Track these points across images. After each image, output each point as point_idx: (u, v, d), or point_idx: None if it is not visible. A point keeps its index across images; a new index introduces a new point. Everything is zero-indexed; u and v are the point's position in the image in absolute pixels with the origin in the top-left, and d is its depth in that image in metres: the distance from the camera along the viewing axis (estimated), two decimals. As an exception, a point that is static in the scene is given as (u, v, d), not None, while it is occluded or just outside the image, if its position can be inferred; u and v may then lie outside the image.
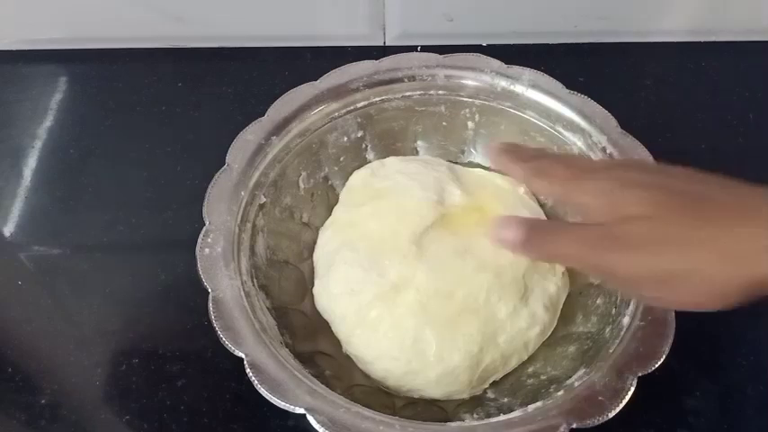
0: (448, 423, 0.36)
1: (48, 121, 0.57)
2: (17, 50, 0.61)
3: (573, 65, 0.49)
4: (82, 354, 0.34)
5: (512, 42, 0.53)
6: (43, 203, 0.53)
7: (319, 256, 0.47)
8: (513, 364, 0.42)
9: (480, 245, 0.43)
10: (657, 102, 0.57)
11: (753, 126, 0.56)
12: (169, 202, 0.51)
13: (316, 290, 0.45)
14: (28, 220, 0.52)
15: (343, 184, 0.50)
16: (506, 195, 0.47)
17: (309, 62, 0.49)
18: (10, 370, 0.44)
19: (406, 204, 0.45)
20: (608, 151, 0.45)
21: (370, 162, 0.51)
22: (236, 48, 0.61)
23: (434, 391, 0.41)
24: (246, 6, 0.58)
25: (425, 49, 0.51)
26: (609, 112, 0.46)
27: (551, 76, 0.48)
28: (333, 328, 0.44)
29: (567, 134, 0.47)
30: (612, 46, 0.61)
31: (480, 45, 0.54)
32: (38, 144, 0.55)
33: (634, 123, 0.46)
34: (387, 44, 0.61)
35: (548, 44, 0.59)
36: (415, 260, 0.43)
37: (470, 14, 0.59)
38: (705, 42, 0.61)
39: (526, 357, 0.43)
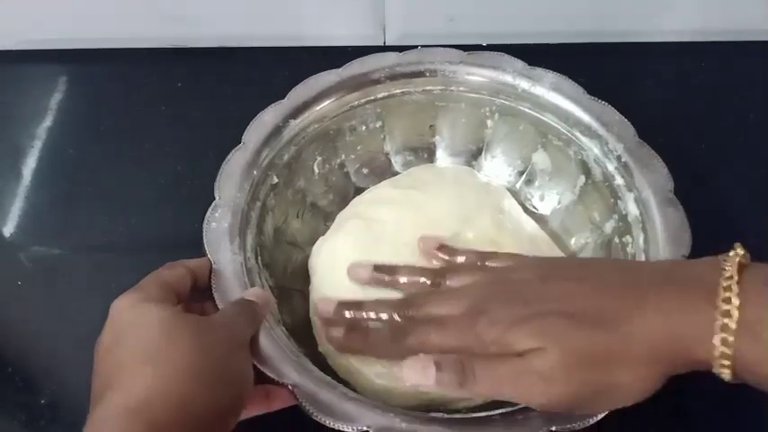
0: (430, 413, 0.36)
1: (47, 121, 0.57)
2: (17, 50, 0.61)
3: (573, 65, 0.49)
4: (82, 354, 0.34)
5: (512, 42, 0.53)
6: (43, 203, 0.53)
7: (338, 216, 0.48)
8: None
9: None
10: (657, 102, 0.57)
11: (753, 126, 0.56)
12: (169, 202, 0.51)
13: (315, 246, 0.46)
14: (28, 220, 0.52)
15: (360, 172, 0.51)
16: (531, 250, 0.46)
17: (309, 62, 0.49)
18: (10, 370, 0.44)
19: (433, 209, 0.46)
20: (623, 159, 0.44)
21: (387, 152, 0.51)
22: (236, 48, 0.61)
23: (388, 399, 0.39)
24: (246, 6, 0.58)
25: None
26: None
27: (552, 76, 0.48)
28: (309, 287, 0.45)
29: (584, 139, 0.46)
30: (612, 46, 0.61)
31: (480, 45, 0.54)
32: (37, 144, 0.55)
33: (634, 124, 0.46)
34: (387, 44, 0.61)
35: (548, 44, 0.59)
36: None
37: (470, 14, 0.59)
38: (705, 42, 0.61)
39: None
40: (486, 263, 0.42)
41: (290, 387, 0.35)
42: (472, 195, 0.48)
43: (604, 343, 0.31)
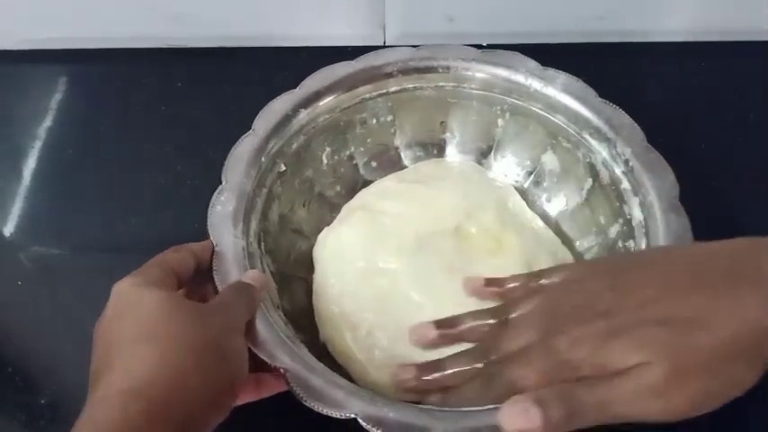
0: (418, 404, 0.36)
1: (48, 122, 0.57)
2: (17, 50, 0.61)
3: (573, 65, 0.49)
4: (82, 354, 0.35)
5: (512, 42, 0.53)
6: (43, 203, 0.53)
7: (344, 208, 0.49)
8: None
9: (475, 271, 0.43)
10: (657, 102, 0.57)
11: (753, 126, 0.56)
12: (169, 202, 0.51)
13: (320, 236, 0.47)
14: (28, 220, 0.52)
15: (369, 165, 0.51)
16: (535, 247, 0.46)
17: (309, 62, 0.49)
18: (10, 370, 0.44)
19: (438, 203, 0.46)
20: (630, 164, 0.44)
21: (397, 146, 0.51)
22: (235, 48, 0.61)
23: (384, 391, 0.40)
24: (246, 6, 0.58)
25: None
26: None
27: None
28: (313, 276, 0.45)
29: (593, 142, 0.46)
30: (612, 46, 0.61)
31: (480, 45, 0.54)
32: (38, 144, 0.55)
33: (634, 123, 0.46)
34: (387, 44, 0.61)
35: (548, 44, 0.59)
36: (407, 257, 0.44)
37: (470, 14, 0.59)
38: (705, 42, 0.61)
39: None
40: (541, 281, 0.39)
41: (281, 370, 0.35)
42: (477, 191, 0.48)
43: (709, 345, 0.30)
